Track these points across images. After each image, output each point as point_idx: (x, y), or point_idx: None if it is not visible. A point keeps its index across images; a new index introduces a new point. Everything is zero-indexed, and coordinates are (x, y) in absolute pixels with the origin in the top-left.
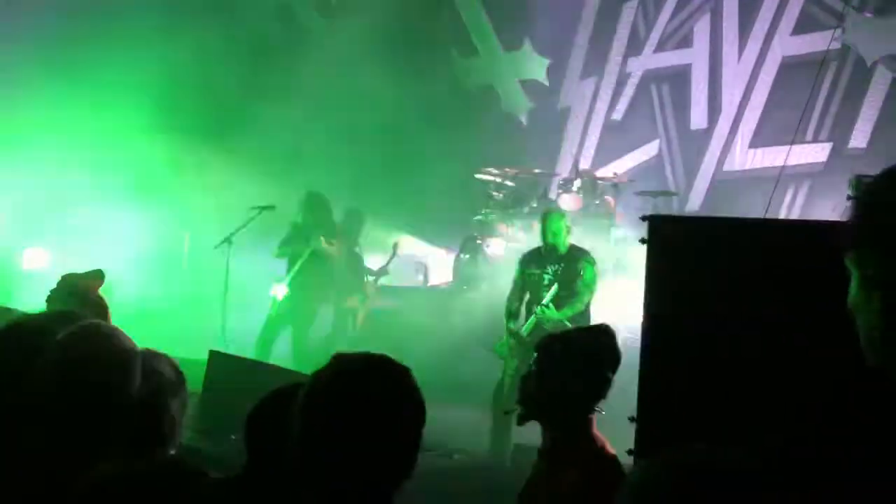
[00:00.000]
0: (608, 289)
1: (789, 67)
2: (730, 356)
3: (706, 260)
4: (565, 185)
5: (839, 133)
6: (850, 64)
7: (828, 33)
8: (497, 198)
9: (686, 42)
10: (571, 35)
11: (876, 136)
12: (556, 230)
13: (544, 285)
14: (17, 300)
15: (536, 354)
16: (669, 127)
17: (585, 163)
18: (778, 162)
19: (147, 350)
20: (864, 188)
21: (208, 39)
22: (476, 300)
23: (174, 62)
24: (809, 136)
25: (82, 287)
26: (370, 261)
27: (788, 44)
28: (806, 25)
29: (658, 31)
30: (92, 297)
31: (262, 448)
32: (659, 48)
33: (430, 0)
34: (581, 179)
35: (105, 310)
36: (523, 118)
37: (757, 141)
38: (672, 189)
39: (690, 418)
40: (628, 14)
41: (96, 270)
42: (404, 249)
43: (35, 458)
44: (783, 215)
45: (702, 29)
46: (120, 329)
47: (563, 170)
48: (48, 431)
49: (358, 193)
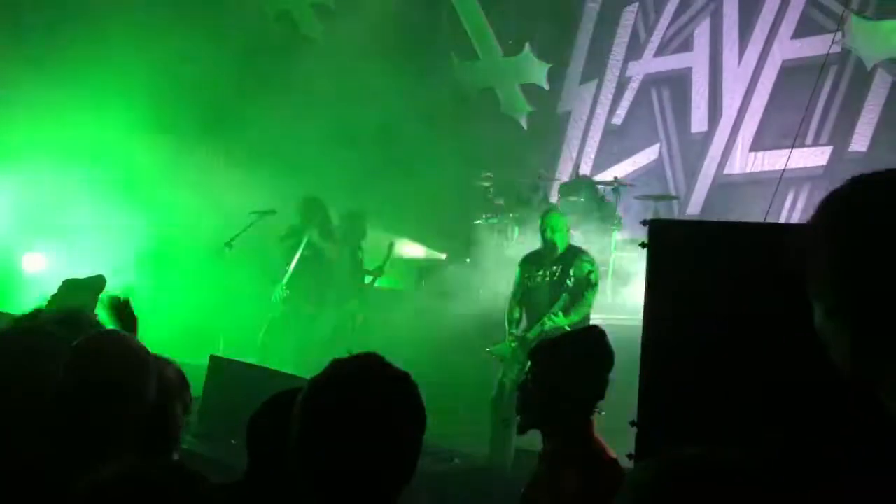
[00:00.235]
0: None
1: (789, 71)
2: (731, 359)
3: (707, 263)
4: (565, 190)
5: (839, 137)
6: (850, 67)
7: (828, 37)
8: (497, 202)
9: (686, 46)
10: (572, 39)
11: (876, 140)
12: (556, 226)
13: (545, 287)
14: (19, 304)
15: (530, 362)
16: (670, 131)
17: (586, 167)
18: (778, 165)
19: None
20: (810, 221)
21: (208, 42)
22: (476, 304)
23: (173, 65)
24: (810, 140)
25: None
26: (367, 262)
27: (788, 47)
28: (806, 29)
29: (658, 35)
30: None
31: (263, 453)
32: (659, 52)
33: (430, 4)
34: (581, 183)
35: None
36: (524, 122)
37: (757, 144)
38: (673, 193)
39: (691, 422)
40: (628, 18)
41: (98, 276)
42: (404, 252)
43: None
44: (784, 219)
45: (702, 33)
46: (133, 338)
47: (564, 174)
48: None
49: (358, 197)
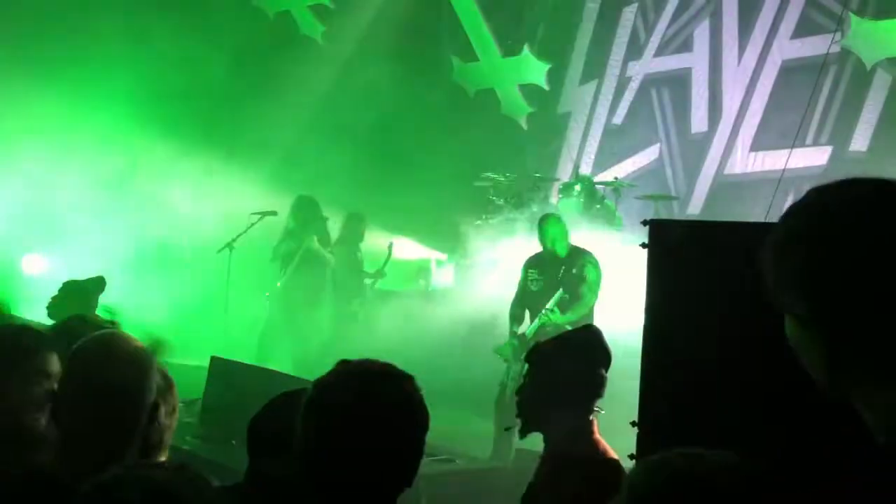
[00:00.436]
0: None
1: (789, 71)
2: (731, 360)
3: (707, 264)
4: (565, 190)
5: (839, 136)
6: (850, 67)
7: (827, 37)
8: (497, 202)
9: (686, 46)
10: (571, 40)
11: (876, 140)
12: (555, 236)
13: (547, 289)
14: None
15: (527, 366)
16: (670, 131)
17: (586, 167)
18: (778, 165)
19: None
20: (777, 227)
21: (207, 43)
22: (477, 304)
23: (173, 66)
24: (810, 140)
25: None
26: (367, 263)
27: (788, 47)
28: (805, 29)
29: (658, 36)
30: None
31: (264, 454)
32: (659, 52)
33: (430, 5)
34: (581, 184)
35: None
36: (523, 123)
37: (757, 144)
38: (673, 193)
39: (692, 422)
40: (628, 18)
41: (98, 277)
42: (405, 253)
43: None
44: None
45: (702, 33)
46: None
47: (564, 174)
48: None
49: (358, 197)
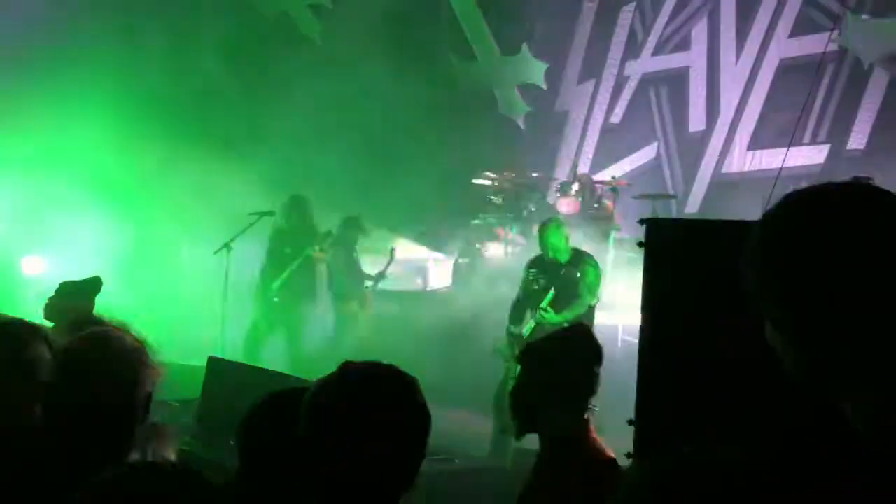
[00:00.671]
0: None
1: (787, 69)
2: (728, 358)
3: (704, 262)
4: (563, 189)
5: (837, 134)
6: (848, 66)
7: (825, 35)
8: (495, 202)
9: (684, 45)
10: (569, 39)
11: (874, 138)
12: (556, 245)
13: (543, 290)
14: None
15: (520, 366)
16: (668, 130)
17: (584, 166)
18: (776, 164)
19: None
20: (753, 232)
21: (205, 43)
22: (475, 304)
23: (170, 66)
24: (807, 138)
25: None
26: (368, 266)
27: (786, 46)
28: (803, 28)
29: (656, 35)
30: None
31: (255, 454)
32: (657, 51)
33: (428, 5)
34: (579, 183)
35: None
36: (521, 122)
37: (755, 143)
38: (671, 192)
39: (689, 421)
40: (626, 17)
41: (94, 277)
42: (403, 254)
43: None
44: None
45: (699, 32)
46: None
47: (562, 173)
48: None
49: (356, 198)
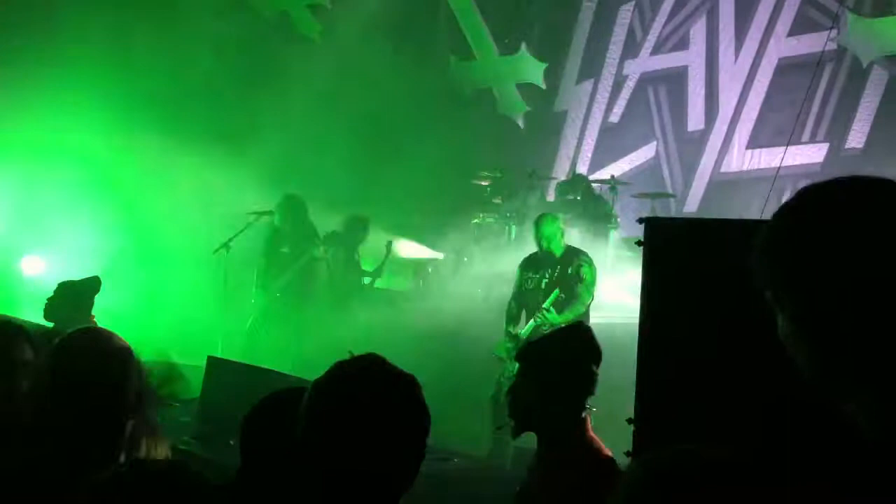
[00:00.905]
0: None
1: (786, 69)
2: (726, 357)
3: (703, 261)
4: (562, 188)
5: (836, 133)
6: (846, 64)
7: (824, 34)
8: (494, 201)
9: (682, 44)
10: (568, 38)
11: (872, 136)
12: (549, 235)
13: (542, 289)
14: (20, 307)
15: (518, 364)
16: (666, 129)
17: (583, 165)
18: (775, 163)
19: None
20: (767, 227)
21: (204, 42)
22: (474, 303)
23: (168, 66)
24: (806, 137)
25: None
26: (365, 262)
27: (784, 45)
28: (802, 27)
29: (654, 34)
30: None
31: (257, 453)
32: (655, 50)
33: (427, 5)
34: (578, 182)
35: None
36: (520, 121)
37: (754, 142)
38: (670, 191)
39: (688, 420)
40: (625, 17)
41: (93, 277)
42: (402, 253)
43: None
44: None
45: (698, 31)
46: (114, 332)
47: (561, 173)
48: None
49: (355, 197)
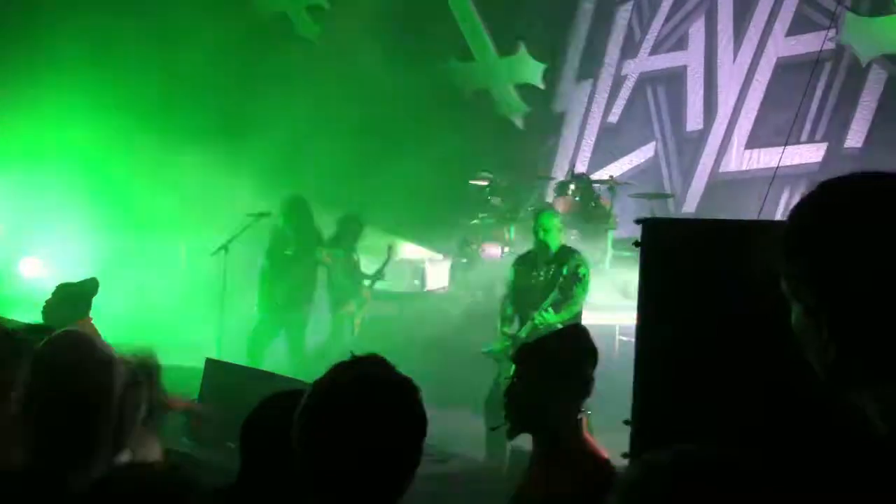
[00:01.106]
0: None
1: (784, 68)
2: (725, 358)
3: (701, 262)
4: (561, 189)
5: (835, 133)
6: (845, 64)
7: (822, 34)
8: (493, 202)
9: (681, 44)
10: (566, 38)
11: (871, 136)
12: (548, 226)
13: (538, 288)
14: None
15: (515, 367)
16: (665, 129)
17: (582, 166)
18: (774, 163)
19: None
20: (789, 219)
21: (203, 43)
22: (472, 304)
23: (166, 67)
24: (805, 137)
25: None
26: (365, 265)
27: (783, 45)
28: (800, 26)
29: (653, 34)
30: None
31: (258, 455)
32: (654, 51)
33: (426, 5)
34: (577, 182)
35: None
36: (519, 122)
37: (753, 142)
38: (668, 191)
39: (686, 421)
40: (623, 17)
41: (91, 279)
42: (401, 254)
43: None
44: (780, 216)
45: (696, 31)
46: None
47: (560, 173)
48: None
49: (353, 198)
